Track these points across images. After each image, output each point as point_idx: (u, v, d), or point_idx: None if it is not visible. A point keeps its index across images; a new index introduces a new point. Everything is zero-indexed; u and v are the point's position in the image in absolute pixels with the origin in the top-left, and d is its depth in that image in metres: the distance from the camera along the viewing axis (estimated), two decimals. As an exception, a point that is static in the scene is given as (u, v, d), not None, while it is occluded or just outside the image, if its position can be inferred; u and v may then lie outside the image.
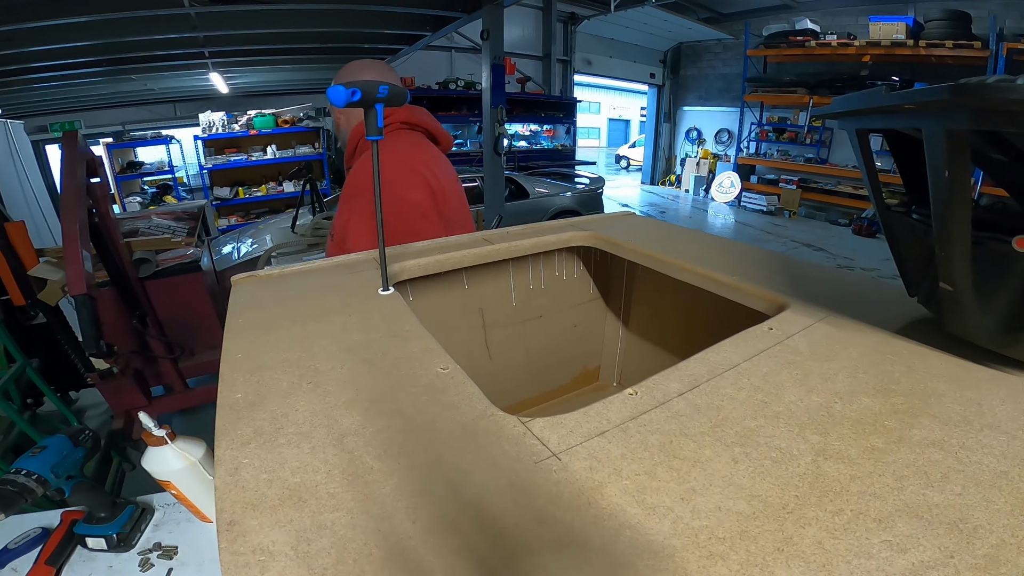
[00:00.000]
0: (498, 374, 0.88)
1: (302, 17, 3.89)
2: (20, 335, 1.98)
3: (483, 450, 0.30)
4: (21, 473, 0.69)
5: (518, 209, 4.93)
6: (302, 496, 0.27)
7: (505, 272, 0.82)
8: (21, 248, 1.85)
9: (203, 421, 2.33)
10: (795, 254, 5.16)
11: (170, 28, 3.53)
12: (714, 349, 0.43)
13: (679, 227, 0.86)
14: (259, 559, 0.23)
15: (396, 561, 0.23)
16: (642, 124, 15.64)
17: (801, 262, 0.68)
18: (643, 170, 11.85)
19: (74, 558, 0.73)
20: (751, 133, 8.95)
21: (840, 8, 7.49)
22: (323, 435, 0.32)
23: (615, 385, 1.00)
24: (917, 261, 0.44)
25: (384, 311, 0.51)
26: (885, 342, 0.44)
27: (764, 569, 0.23)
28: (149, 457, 0.64)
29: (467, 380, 0.38)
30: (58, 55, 3.59)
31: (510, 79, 7.15)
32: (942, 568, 0.23)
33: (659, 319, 0.90)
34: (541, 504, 0.26)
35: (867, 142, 0.42)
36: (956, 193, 0.31)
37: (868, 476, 0.28)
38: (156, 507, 0.82)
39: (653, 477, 0.28)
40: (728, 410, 0.34)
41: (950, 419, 0.33)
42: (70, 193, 1.46)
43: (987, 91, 0.25)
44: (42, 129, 6.41)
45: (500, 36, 4.65)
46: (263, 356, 0.42)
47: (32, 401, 2.12)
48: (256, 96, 7.47)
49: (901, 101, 0.32)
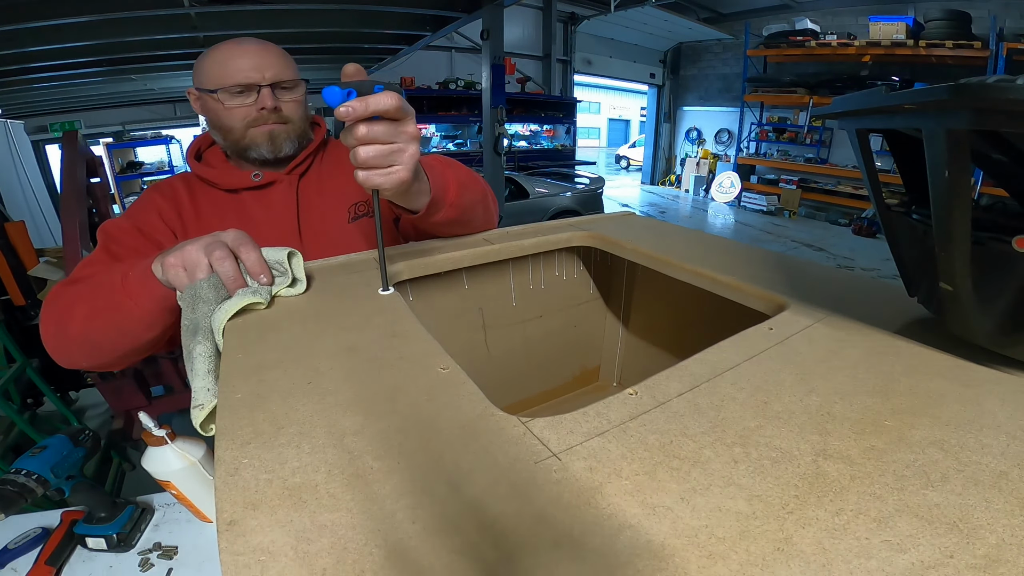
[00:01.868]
0: (498, 374, 0.88)
1: (302, 17, 3.90)
2: (20, 335, 1.98)
3: (483, 450, 0.30)
4: (21, 473, 0.69)
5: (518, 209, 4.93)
6: (302, 496, 0.27)
7: (505, 272, 0.82)
8: (21, 248, 1.85)
9: (203, 421, 2.32)
10: (795, 254, 5.17)
11: (170, 28, 3.53)
12: (714, 349, 0.43)
13: (679, 227, 0.86)
14: (259, 559, 0.23)
15: (396, 561, 0.23)
16: (642, 124, 15.65)
17: (801, 262, 0.68)
18: (643, 170, 11.85)
19: (74, 558, 0.73)
20: (751, 133, 8.96)
21: (840, 8, 7.49)
22: (323, 435, 0.32)
23: (615, 385, 1.00)
24: (917, 261, 0.44)
25: (384, 311, 0.51)
26: (885, 342, 0.44)
27: (764, 569, 0.23)
28: (149, 457, 0.64)
29: (467, 380, 0.38)
30: (58, 55, 3.60)
31: (510, 79, 7.16)
32: (942, 568, 0.23)
33: (659, 319, 0.90)
34: (541, 504, 0.26)
35: (867, 142, 0.42)
36: (956, 193, 0.31)
37: (868, 476, 0.28)
38: (156, 507, 0.82)
39: (653, 477, 0.28)
40: (728, 410, 0.34)
41: (950, 419, 0.33)
42: (70, 193, 1.46)
43: (987, 91, 0.25)
44: (42, 129, 6.41)
45: (500, 36, 4.65)
46: (263, 356, 0.42)
47: (32, 401, 2.12)
48: (256, 96, 7.45)
49: (901, 101, 0.32)
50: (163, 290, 0.56)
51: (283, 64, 0.80)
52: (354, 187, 0.84)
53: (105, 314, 0.60)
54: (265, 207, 0.82)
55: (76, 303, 0.62)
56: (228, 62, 0.76)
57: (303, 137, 0.85)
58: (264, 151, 0.80)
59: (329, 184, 0.87)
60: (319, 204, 0.85)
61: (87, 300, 0.62)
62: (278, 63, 0.79)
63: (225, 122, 0.79)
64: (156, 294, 0.56)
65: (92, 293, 0.62)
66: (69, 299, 0.64)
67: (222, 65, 0.76)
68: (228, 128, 0.79)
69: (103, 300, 0.60)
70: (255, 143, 0.80)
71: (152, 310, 0.58)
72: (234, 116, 0.78)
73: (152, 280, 0.56)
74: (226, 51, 0.77)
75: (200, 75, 0.78)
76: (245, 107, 0.78)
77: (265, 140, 0.80)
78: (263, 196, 0.83)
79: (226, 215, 0.82)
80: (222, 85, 0.76)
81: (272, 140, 0.80)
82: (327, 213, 0.85)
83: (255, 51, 0.78)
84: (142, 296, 0.57)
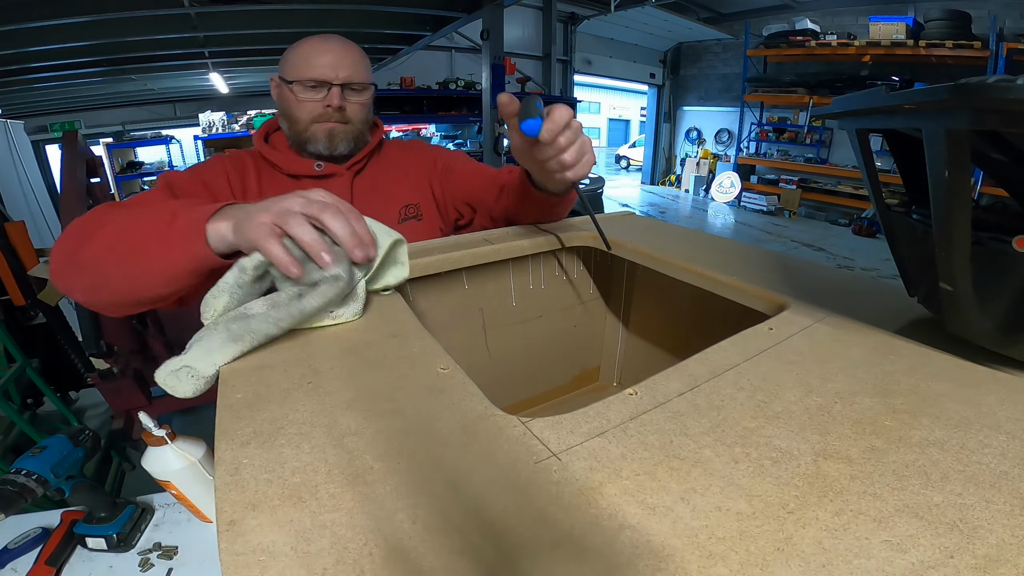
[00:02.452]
0: (498, 374, 0.88)
1: (302, 17, 3.89)
2: (20, 335, 1.98)
3: (483, 450, 0.30)
4: (21, 473, 0.69)
5: (518, 209, 4.91)
6: (302, 496, 0.27)
7: (505, 272, 0.82)
8: (21, 248, 1.85)
9: (203, 421, 2.33)
10: (795, 254, 5.17)
11: (170, 28, 3.53)
12: (714, 349, 0.43)
13: (679, 227, 0.86)
14: (259, 559, 0.23)
15: (396, 561, 0.23)
16: (642, 124, 15.65)
17: (801, 262, 0.68)
18: (643, 170, 11.85)
19: (74, 558, 0.73)
20: (751, 133, 8.95)
21: (840, 8, 7.49)
22: (323, 435, 0.32)
23: (615, 385, 1.00)
24: (917, 261, 0.44)
25: (384, 311, 0.51)
26: (885, 342, 0.44)
27: (764, 569, 0.23)
28: (149, 457, 0.64)
29: (467, 380, 0.38)
30: (58, 55, 3.60)
31: (510, 79, 7.15)
32: (942, 568, 0.23)
33: (659, 319, 0.90)
34: (541, 504, 0.26)
35: (867, 142, 0.42)
36: (956, 193, 0.31)
37: (868, 476, 0.28)
38: (156, 507, 0.82)
39: (653, 477, 0.28)
40: (728, 410, 0.34)
41: (950, 419, 0.33)
42: (70, 193, 1.46)
43: (987, 91, 0.25)
44: (42, 129, 6.41)
45: (500, 36, 4.65)
46: (263, 356, 0.42)
47: (32, 401, 2.12)
48: (256, 96, 7.48)
49: (901, 101, 0.32)
50: (205, 252, 0.48)
51: (358, 66, 0.84)
52: (404, 190, 0.93)
53: (129, 253, 0.53)
54: None
55: (106, 226, 0.55)
56: (310, 57, 0.81)
57: (360, 138, 0.90)
58: (321, 147, 0.85)
59: (382, 185, 0.92)
60: (372, 202, 0.90)
61: (118, 229, 0.55)
62: (353, 65, 0.83)
63: (294, 112, 0.83)
64: (195, 253, 0.49)
65: (128, 224, 0.55)
66: (101, 220, 0.57)
67: (304, 59, 0.81)
68: (295, 119, 0.84)
69: (135, 237, 0.53)
70: (315, 138, 0.84)
71: (181, 268, 0.50)
72: (303, 109, 0.83)
73: (198, 238, 0.48)
74: (310, 46, 0.82)
75: (284, 64, 0.84)
76: (314, 102, 0.82)
77: (324, 137, 0.84)
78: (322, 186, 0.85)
79: None
80: (299, 78, 0.81)
81: (330, 138, 0.85)
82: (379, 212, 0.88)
83: (336, 50, 0.82)
84: (178, 250, 0.49)
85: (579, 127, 0.63)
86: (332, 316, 0.47)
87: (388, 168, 0.94)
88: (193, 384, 0.41)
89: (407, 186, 0.94)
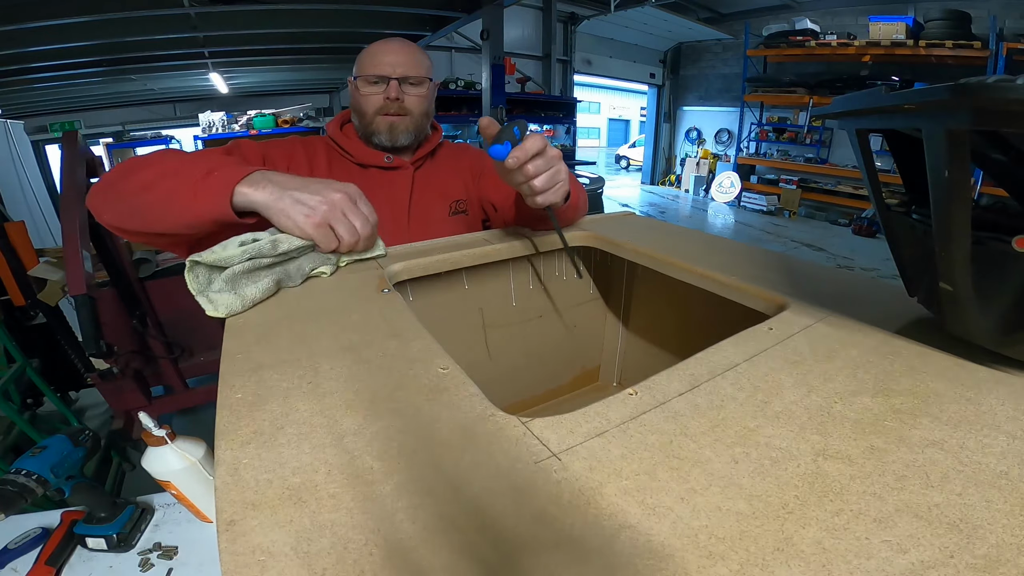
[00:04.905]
0: (498, 374, 0.88)
1: (302, 17, 3.90)
2: (20, 335, 1.98)
3: (483, 450, 0.30)
4: (21, 473, 0.69)
5: (518, 209, 4.91)
6: (302, 496, 0.27)
7: (505, 272, 0.82)
8: (21, 248, 1.85)
9: (203, 421, 2.33)
10: (795, 254, 5.17)
11: (170, 28, 3.53)
12: (714, 349, 0.43)
13: (679, 227, 0.86)
14: (259, 559, 0.23)
15: (396, 561, 0.23)
16: (642, 124, 15.65)
17: (801, 262, 0.68)
18: (643, 170, 11.84)
19: (74, 558, 0.73)
20: (751, 133, 8.95)
21: (840, 8, 7.48)
22: (323, 435, 0.32)
23: (615, 385, 1.00)
24: (917, 261, 0.44)
25: (384, 311, 0.51)
26: (885, 342, 0.44)
27: (764, 569, 0.23)
28: (149, 457, 0.64)
29: (467, 380, 0.38)
30: (58, 55, 3.60)
31: (510, 79, 7.14)
32: (942, 568, 0.23)
33: (659, 319, 0.90)
34: (541, 504, 0.26)
35: (867, 142, 0.42)
36: (956, 193, 0.31)
37: (868, 476, 0.28)
38: (156, 507, 0.82)
39: (653, 477, 0.28)
40: (728, 410, 0.34)
41: (950, 419, 0.33)
42: (70, 193, 1.46)
43: (987, 91, 0.25)
44: (42, 129, 6.41)
45: (500, 36, 4.66)
46: (263, 356, 0.42)
47: (32, 401, 2.12)
48: (256, 96, 7.48)
49: (901, 101, 0.32)
50: (227, 211, 0.58)
51: (415, 63, 0.93)
52: (456, 187, 1.03)
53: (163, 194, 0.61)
54: (386, 186, 0.95)
55: (154, 166, 0.64)
56: (374, 56, 0.92)
57: (420, 131, 0.98)
58: (383, 138, 0.94)
59: (436, 181, 1.01)
60: (427, 195, 0.99)
61: (162, 171, 0.63)
62: (410, 61, 0.92)
63: (361, 106, 0.94)
64: (219, 208, 0.58)
65: (172, 169, 0.63)
66: (151, 161, 0.66)
67: (370, 58, 0.92)
68: (362, 111, 0.94)
69: (173, 182, 0.61)
70: (378, 130, 0.94)
71: (204, 217, 0.59)
72: (368, 102, 0.92)
73: (225, 196, 0.57)
74: (375, 48, 0.93)
75: (356, 65, 0.95)
76: (376, 95, 0.92)
77: (386, 129, 0.94)
78: (387, 177, 0.96)
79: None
80: (363, 74, 0.92)
81: (391, 130, 0.94)
82: (432, 204, 0.99)
83: (395, 49, 0.92)
84: (204, 201, 0.58)
85: (555, 155, 0.66)
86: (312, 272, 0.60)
87: (442, 167, 1.04)
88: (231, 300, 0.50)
89: (459, 184, 1.04)
